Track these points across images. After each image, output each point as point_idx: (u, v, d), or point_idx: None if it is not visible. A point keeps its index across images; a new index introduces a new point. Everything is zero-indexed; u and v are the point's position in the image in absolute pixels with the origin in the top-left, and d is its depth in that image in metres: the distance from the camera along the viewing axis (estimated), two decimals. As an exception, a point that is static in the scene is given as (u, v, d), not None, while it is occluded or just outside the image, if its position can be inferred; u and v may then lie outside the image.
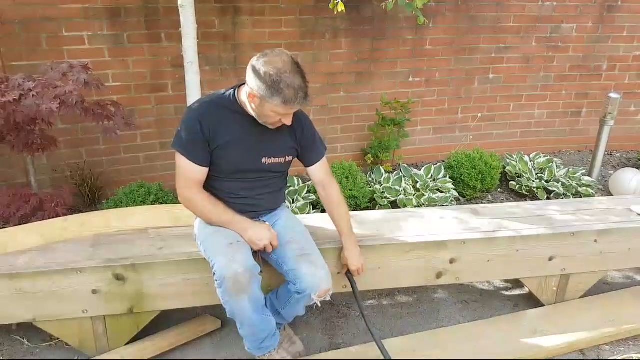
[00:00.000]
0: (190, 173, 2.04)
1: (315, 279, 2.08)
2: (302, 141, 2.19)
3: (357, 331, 2.60)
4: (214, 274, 1.98)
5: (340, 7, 3.09)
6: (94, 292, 2.16)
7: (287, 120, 2.00)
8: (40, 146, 2.92)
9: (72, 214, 2.64)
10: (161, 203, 3.26)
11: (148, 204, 3.17)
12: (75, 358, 2.29)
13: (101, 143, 3.78)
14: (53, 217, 2.69)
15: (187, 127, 2.02)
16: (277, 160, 2.15)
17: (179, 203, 2.16)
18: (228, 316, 2.05)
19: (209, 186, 2.11)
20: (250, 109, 2.01)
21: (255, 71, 1.89)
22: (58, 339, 2.35)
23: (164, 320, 2.46)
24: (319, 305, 2.14)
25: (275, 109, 1.91)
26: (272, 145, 2.13)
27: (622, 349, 2.58)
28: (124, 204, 3.20)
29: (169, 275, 2.23)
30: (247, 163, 2.09)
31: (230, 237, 2.05)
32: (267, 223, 2.19)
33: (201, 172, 2.06)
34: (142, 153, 3.97)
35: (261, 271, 2.05)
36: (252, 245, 2.09)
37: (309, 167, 2.27)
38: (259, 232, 2.09)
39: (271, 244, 2.10)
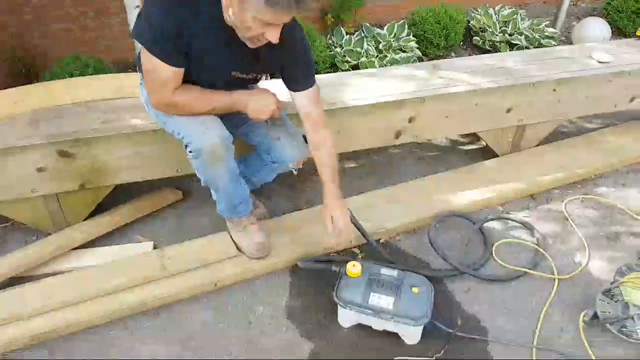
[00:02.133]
0: (165, 75, 1.70)
1: (294, 150, 2.02)
2: (288, 59, 1.85)
3: (319, 193, 2.62)
4: (187, 146, 1.85)
5: None
6: (40, 170, 2.06)
7: (272, 35, 1.59)
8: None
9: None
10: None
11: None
12: (35, 237, 2.28)
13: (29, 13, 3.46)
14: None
15: (158, 16, 1.62)
16: (249, 76, 1.90)
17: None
18: (202, 185, 1.98)
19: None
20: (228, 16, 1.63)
21: None
22: (13, 220, 2.32)
23: (124, 196, 2.43)
24: (295, 172, 2.12)
25: (258, 14, 1.51)
26: (248, 59, 1.80)
27: (570, 191, 2.69)
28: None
29: (119, 149, 2.14)
30: (217, 77, 1.84)
31: None
32: (264, 87, 1.98)
33: (179, 74, 1.73)
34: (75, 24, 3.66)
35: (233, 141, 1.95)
36: (259, 116, 1.89)
37: (294, 92, 1.93)
38: (264, 99, 1.88)
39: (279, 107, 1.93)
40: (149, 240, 2.29)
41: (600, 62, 2.85)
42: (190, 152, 1.84)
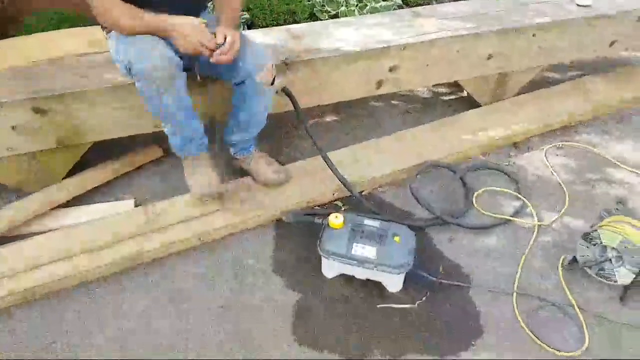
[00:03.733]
0: None
1: (255, 56, 1.92)
2: None
3: (304, 149, 2.58)
4: (130, 69, 1.77)
5: None
6: (14, 128, 1.98)
7: None
8: None
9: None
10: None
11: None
12: (15, 197, 2.23)
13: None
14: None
15: None
16: None
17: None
18: (152, 117, 1.91)
19: None
20: None
21: None
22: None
23: (106, 153, 2.36)
24: (277, 92, 2.05)
25: None
26: None
27: (552, 139, 2.67)
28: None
29: (94, 105, 2.05)
30: None
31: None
32: (200, 18, 1.82)
33: None
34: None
35: (190, 71, 1.86)
36: (185, 47, 1.78)
37: None
38: (188, 31, 1.76)
39: (209, 48, 1.80)
40: (130, 199, 2.25)
41: (579, 5, 2.78)
42: (133, 76, 1.78)
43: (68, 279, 1.88)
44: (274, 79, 2.01)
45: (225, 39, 1.82)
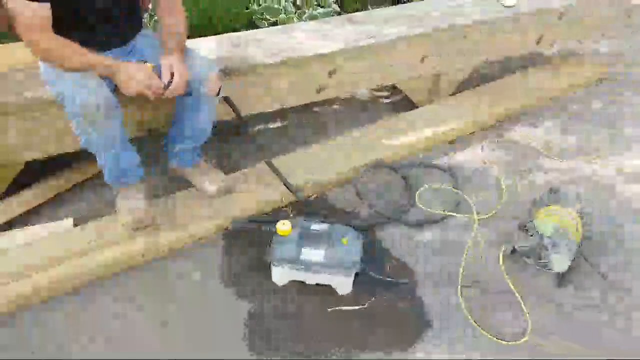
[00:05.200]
0: (34, 16, 1.57)
1: (202, 67, 1.87)
2: None
3: (248, 156, 2.53)
4: (66, 107, 1.70)
5: None
6: None
7: None
8: None
9: None
10: None
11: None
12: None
13: None
14: None
15: None
16: None
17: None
18: (81, 147, 1.83)
19: None
20: None
21: None
22: None
23: (41, 171, 2.23)
24: (217, 102, 2.00)
25: None
26: None
27: (485, 135, 2.74)
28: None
29: (22, 122, 1.92)
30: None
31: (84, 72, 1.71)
32: (148, 63, 1.78)
33: (46, 10, 1.59)
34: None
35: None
36: (127, 88, 1.72)
37: None
38: (136, 72, 1.69)
39: (155, 92, 1.74)
40: (67, 218, 2.13)
41: (506, 5, 2.87)
42: (66, 108, 1.70)
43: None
44: (219, 89, 1.96)
45: (172, 76, 1.76)
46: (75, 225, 2.08)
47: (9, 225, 2.08)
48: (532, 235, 1.92)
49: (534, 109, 2.94)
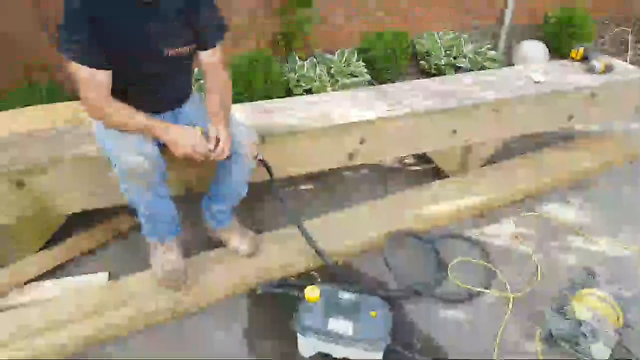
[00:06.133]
0: (93, 81, 1.67)
1: (241, 134, 1.94)
2: (197, 18, 1.81)
3: (278, 218, 2.53)
4: (115, 166, 1.78)
5: None
6: None
7: None
8: None
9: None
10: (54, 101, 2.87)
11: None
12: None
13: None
14: None
15: (73, 23, 1.60)
16: (179, 50, 1.82)
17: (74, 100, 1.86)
18: (128, 204, 1.91)
19: None
20: None
21: None
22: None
23: (81, 223, 2.30)
24: (254, 166, 2.05)
25: None
26: (173, 32, 1.79)
27: (518, 209, 2.69)
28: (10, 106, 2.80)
29: (70, 178, 2.00)
30: (145, 56, 1.77)
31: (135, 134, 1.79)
32: (198, 127, 1.85)
33: (106, 76, 1.69)
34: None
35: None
36: (176, 150, 1.78)
37: (200, 50, 1.89)
38: (185, 135, 1.77)
39: (201, 153, 1.80)
40: (103, 271, 2.15)
41: (536, 82, 2.90)
42: (115, 166, 1.78)
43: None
44: (257, 153, 2.02)
45: (217, 141, 1.84)
46: (110, 279, 2.09)
47: (44, 276, 2.10)
48: (568, 319, 1.84)
49: (565, 185, 2.89)
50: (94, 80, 1.68)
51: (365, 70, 3.93)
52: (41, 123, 2.25)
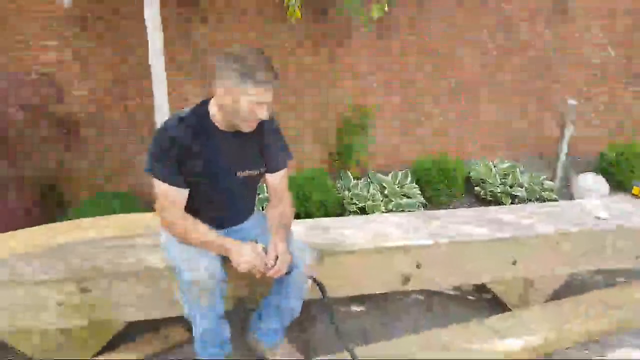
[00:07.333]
0: (171, 197, 1.84)
1: (297, 252, 1.97)
2: (267, 147, 2.00)
3: (331, 341, 2.42)
4: (178, 274, 1.85)
5: (297, 15, 3.20)
6: (59, 304, 1.98)
7: (262, 112, 1.80)
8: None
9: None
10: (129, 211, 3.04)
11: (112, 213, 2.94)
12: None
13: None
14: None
15: (161, 148, 1.81)
16: (250, 172, 1.97)
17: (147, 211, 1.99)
18: (185, 317, 1.94)
19: None
20: (221, 118, 1.85)
21: (221, 66, 1.76)
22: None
23: (131, 331, 2.28)
24: (309, 283, 2.04)
25: (249, 97, 1.75)
26: (245, 158, 1.96)
27: (586, 351, 2.47)
28: (89, 214, 2.97)
29: (133, 286, 2.05)
30: (221, 178, 1.92)
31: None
32: (259, 244, 1.92)
33: (182, 194, 1.86)
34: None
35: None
36: (237, 265, 1.84)
37: (268, 173, 2.05)
38: (245, 252, 1.84)
39: (261, 269, 1.86)
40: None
41: (598, 217, 2.81)
42: (178, 278, 1.83)
43: None
44: (312, 273, 2.03)
45: (276, 258, 1.88)
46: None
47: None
48: None
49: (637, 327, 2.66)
50: (173, 197, 1.82)
51: (419, 192, 3.96)
52: (113, 232, 2.34)
